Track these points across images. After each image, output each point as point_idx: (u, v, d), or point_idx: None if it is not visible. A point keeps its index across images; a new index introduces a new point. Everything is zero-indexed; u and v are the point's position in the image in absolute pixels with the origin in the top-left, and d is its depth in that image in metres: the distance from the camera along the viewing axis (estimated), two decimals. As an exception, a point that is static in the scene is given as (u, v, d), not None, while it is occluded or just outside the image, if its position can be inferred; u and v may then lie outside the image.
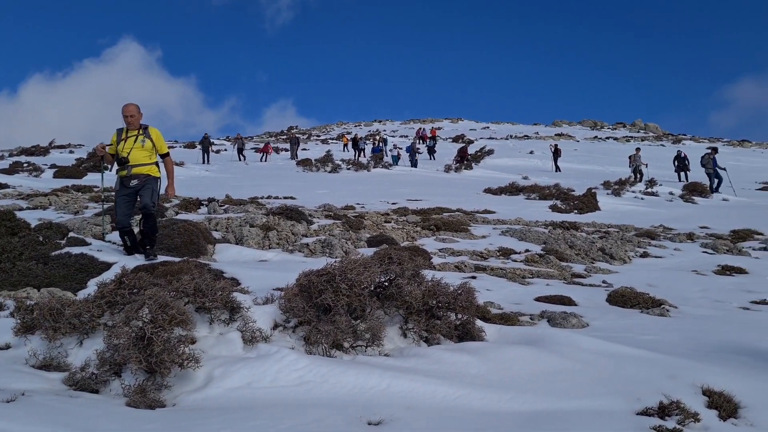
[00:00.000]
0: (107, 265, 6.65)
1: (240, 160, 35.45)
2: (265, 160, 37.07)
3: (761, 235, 13.04)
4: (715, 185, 23.57)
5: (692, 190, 22.34)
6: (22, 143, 42.78)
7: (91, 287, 5.87)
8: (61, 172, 23.05)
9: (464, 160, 33.43)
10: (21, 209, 11.64)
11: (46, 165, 24.94)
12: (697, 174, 27.14)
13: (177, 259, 6.93)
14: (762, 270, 9.43)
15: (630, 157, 28.72)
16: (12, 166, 24.34)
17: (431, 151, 40.65)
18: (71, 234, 7.93)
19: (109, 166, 7.52)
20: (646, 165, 27.76)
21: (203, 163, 32.70)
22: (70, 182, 19.47)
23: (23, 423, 2.91)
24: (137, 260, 6.99)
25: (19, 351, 4.15)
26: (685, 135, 73.13)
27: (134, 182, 7.04)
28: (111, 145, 7.26)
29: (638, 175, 26.95)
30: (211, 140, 36.60)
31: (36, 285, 5.92)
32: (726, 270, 9.36)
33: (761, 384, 4.26)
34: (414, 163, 34.24)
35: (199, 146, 36.33)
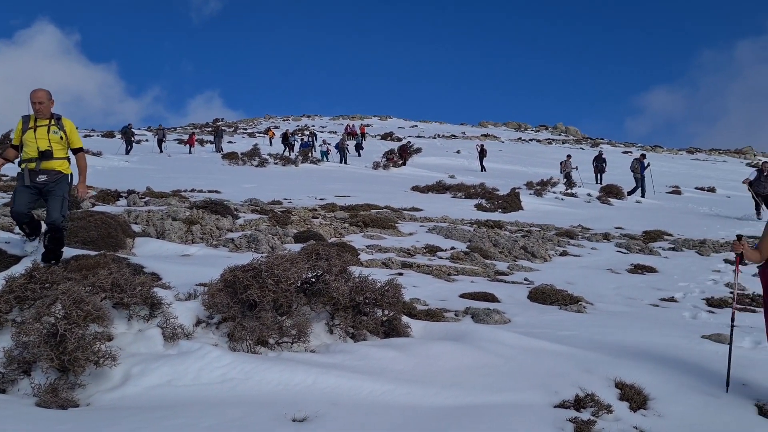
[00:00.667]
0: (17, 258, 6.29)
1: (160, 152, 34.12)
2: (191, 152, 36.03)
3: (670, 236, 13.79)
4: (642, 189, 24.42)
5: (608, 192, 23.35)
6: None
7: (-1, 282, 5.53)
8: (-34, 158, 21.60)
9: (404, 158, 33.54)
10: None
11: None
12: (613, 176, 28.44)
13: (93, 253, 6.62)
14: (670, 269, 9.98)
15: (561, 163, 29.46)
16: None
17: (358, 147, 40.58)
18: (-23, 225, 7.44)
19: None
20: (576, 168, 28.65)
21: (125, 153, 31.41)
22: (-24, 170, 18.28)
23: None
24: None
25: None
26: (602, 139, 76.33)
27: (42, 178, 6.06)
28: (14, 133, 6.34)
29: (569, 179, 27.69)
30: (134, 130, 35.13)
31: (-64, 279, 5.51)
32: (638, 269, 9.84)
33: (668, 377, 4.51)
34: (343, 160, 34.15)
35: (119, 136, 34.87)
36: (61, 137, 6.14)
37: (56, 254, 6.17)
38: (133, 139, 33.44)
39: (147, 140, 42.45)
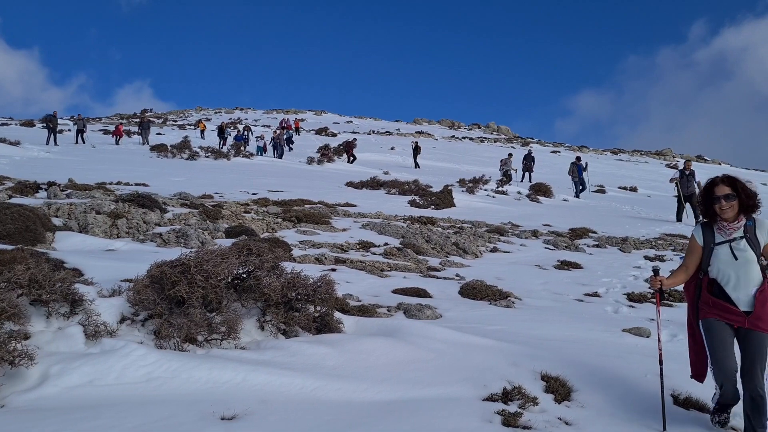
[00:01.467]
0: (-77, 253, 5.88)
1: (77, 142, 32.35)
2: (118, 143, 34.63)
3: (595, 233, 14.34)
4: (578, 191, 25.11)
5: (537, 190, 24.04)
6: None
7: None
8: None
9: (351, 154, 33.26)
10: None
11: None
12: (542, 175, 29.30)
13: (10, 247, 6.28)
14: (594, 265, 10.38)
15: (501, 161, 29.96)
16: None
17: (289, 141, 39.92)
18: None
19: None
20: (516, 170, 29.26)
21: (48, 143, 29.82)
22: None
23: None
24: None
25: None
26: (533, 138, 78.46)
27: None
28: None
29: (507, 179, 28.12)
30: (58, 119, 33.29)
31: None
32: (564, 265, 10.18)
33: (591, 369, 4.69)
34: (280, 155, 33.62)
35: (41, 125, 33.06)
36: None
37: None
38: (57, 127, 31.71)
39: (69, 130, 40.56)
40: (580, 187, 25.21)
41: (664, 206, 20.64)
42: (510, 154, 31.12)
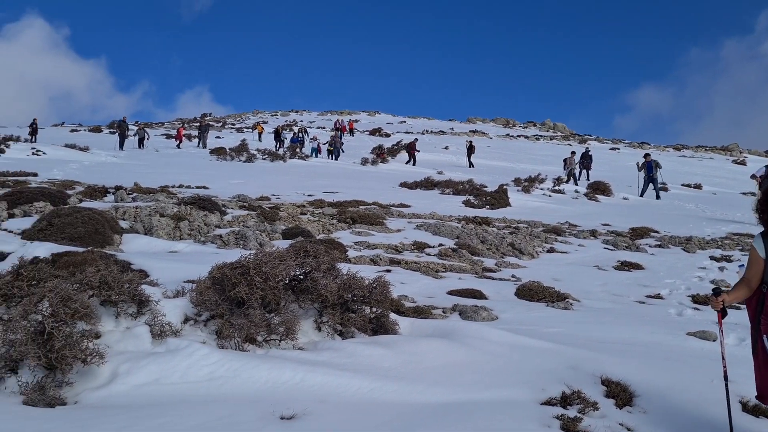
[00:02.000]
0: (3, 255, 6.24)
1: (140, 148, 33.29)
2: (179, 147, 35.64)
3: (657, 233, 13.92)
4: (655, 189, 23.79)
5: (596, 189, 23.49)
6: None
7: (-16, 279, 5.48)
8: (-51, 153, 21.35)
9: (413, 155, 32.71)
10: None
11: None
12: (600, 173, 28.60)
13: (81, 249, 6.58)
14: (656, 266, 10.08)
15: (565, 160, 29.01)
16: None
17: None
18: (-39, 221, 7.38)
19: None
20: (578, 165, 28.26)
21: (121, 149, 30.85)
22: (-40, 165, 18.08)
23: None
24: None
25: None
26: (590, 135, 76.71)
27: None
28: None
29: (572, 178, 27.18)
30: (128, 125, 34.36)
31: None
32: (624, 265, 9.93)
33: (654, 374, 4.57)
34: (336, 156, 33.83)
35: (108, 131, 34.29)
36: None
37: None
38: (127, 132, 32.73)
39: (135, 135, 42.04)
40: (651, 185, 24.07)
41: (731, 204, 19.83)
42: (573, 152, 30.13)
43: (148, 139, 34.54)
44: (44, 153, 24.90)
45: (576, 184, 24.48)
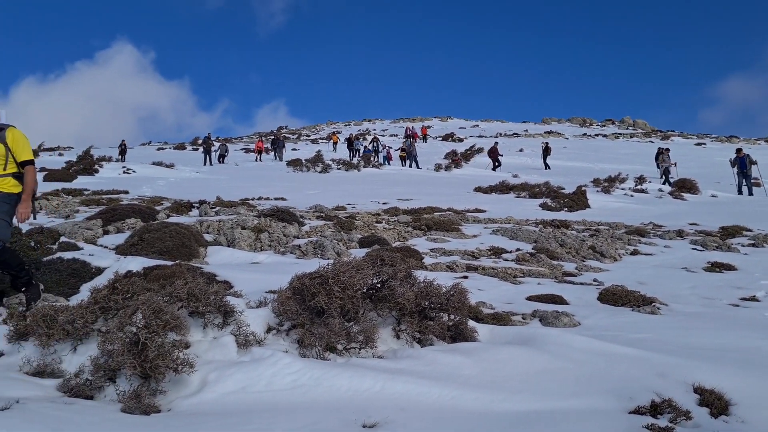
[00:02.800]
0: (100, 270, 6.63)
1: (218, 163, 34.48)
2: (260, 160, 36.74)
3: (750, 231, 13.16)
4: (747, 186, 22.48)
5: (681, 187, 22.50)
6: (10, 146, 42.32)
7: (84, 292, 5.85)
8: (51, 175, 22.90)
9: (495, 159, 32.09)
10: (10, 213, 11.56)
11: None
12: (686, 170, 27.34)
13: (169, 263, 6.91)
14: (751, 266, 9.53)
15: (658, 157, 27.67)
16: (0, 169, 24.13)
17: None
18: (63, 238, 7.90)
19: None
20: (675, 164, 26.79)
21: (205, 164, 32.12)
22: (60, 185, 19.38)
23: (19, 431, 2.91)
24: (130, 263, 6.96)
25: (13, 358, 4.15)
26: (673, 131, 73.60)
27: None
28: None
29: (666, 176, 25.87)
30: (213, 140, 35.64)
31: (28, 291, 5.88)
32: (715, 267, 9.44)
33: (751, 381, 4.31)
34: (410, 163, 33.88)
35: (191, 147, 35.79)
36: (1, 151, 5.35)
37: (15, 277, 5.43)
38: (213, 149, 33.94)
39: (216, 150, 43.66)
40: (743, 181, 22.66)
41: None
42: (667, 149, 28.55)
43: (228, 153, 35.85)
44: (134, 171, 26.31)
45: (670, 184, 23.34)
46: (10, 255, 5.42)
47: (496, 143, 35.09)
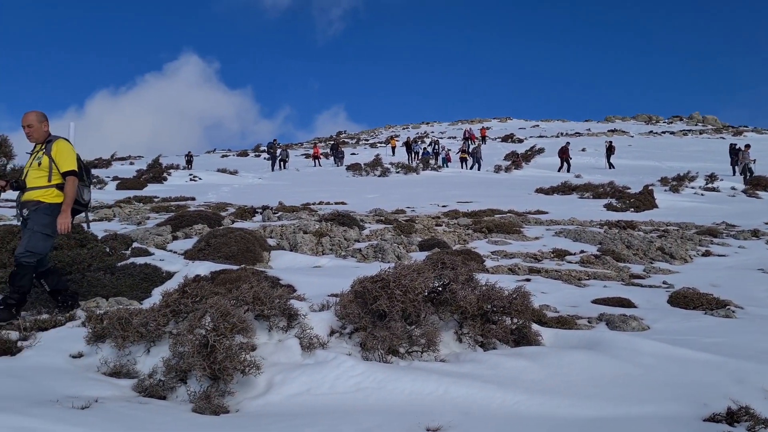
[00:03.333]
0: (170, 275, 6.88)
1: (281, 169, 35.00)
2: (320, 165, 37.26)
3: (832, 230, 12.45)
4: None
5: (756, 185, 21.49)
6: (87, 157, 44.53)
7: (156, 296, 6.09)
8: (123, 183, 23.92)
9: (565, 160, 30.77)
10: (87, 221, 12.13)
11: (108, 177, 25.93)
12: (762, 166, 26.07)
13: (235, 267, 7.10)
14: (834, 267, 9.02)
15: (737, 155, 26.30)
16: (76, 179, 25.35)
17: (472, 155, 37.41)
18: (135, 244, 8.24)
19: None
20: (755, 161, 25.47)
21: (273, 170, 32.75)
22: (131, 193, 20.21)
23: (98, 429, 3.05)
24: (198, 268, 7.19)
25: (91, 359, 4.35)
26: (746, 126, 70.35)
27: (25, 211, 5.39)
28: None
29: (748, 174, 24.58)
30: (278, 145, 36.09)
31: (104, 295, 6.18)
32: (795, 268, 8.98)
33: (836, 388, 4.08)
34: (471, 166, 33.47)
35: (253, 154, 36.46)
36: (40, 163, 5.39)
37: (7, 297, 5.30)
38: (284, 155, 34.49)
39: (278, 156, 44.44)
40: None
41: None
42: (747, 145, 27.12)
43: (288, 159, 36.52)
44: (200, 178, 27.17)
45: (748, 182, 22.21)
46: (24, 276, 5.31)
47: (568, 143, 33.40)
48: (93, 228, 8.43)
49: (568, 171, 30.24)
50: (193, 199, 18.20)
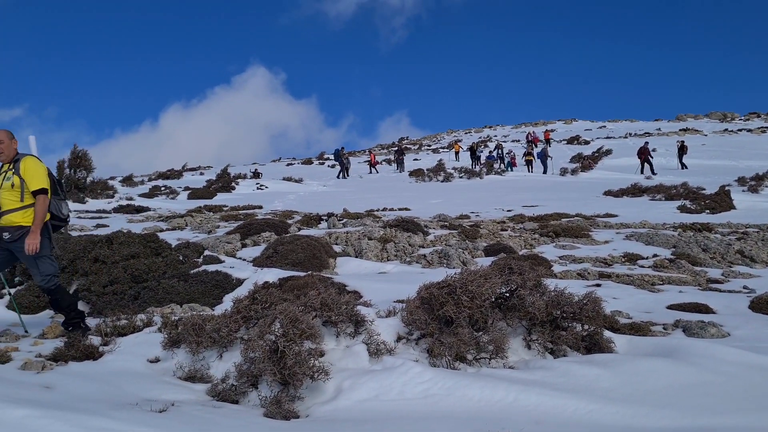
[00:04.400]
0: (240, 282, 7.06)
1: (345, 177, 34.94)
2: (377, 171, 37.37)
3: None
4: None
5: (844, 183, 20.20)
6: (160, 168, 46.34)
7: (227, 302, 6.27)
8: (194, 193, 24.77)
9: (645, 160, 29.34)
10: (161, 230, 12.64)
11: (180, 187, 26.93)
12: None
13: (302, 274, 7.22)
14: None
15: None
16: (151, 190, 26.48)
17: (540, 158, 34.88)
18: (206, 252, 8.50)
19: None
20: None
21: (339, 177, 33.11)
22: (202, 203, 20.91)
23: None
24: (267, 275, 7.35)
25: (167, 364, 4.52)
26: (832, 121, 66.30)
27: (6, 236, 5.14)
28: None
29: None
30: (345, 152, 36.34)
31: (179, 301, 6.40)
32: None
33: None
34: (545, 169, 32.73)
35: (318, 161, 36.79)
36: (13, 184, 5.12)
37: (69, 318, 5.42)
38: (345, 162, 34.75)
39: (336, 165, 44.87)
40: None
41: None
42: None
43: (350, 165, 36.71)
44: (266, 187, 27.81)
45: None
46: (63, 297, 5.37)
47: (647, 143, 31.63)
48: (166, 237, 8.69)
49: (653, 172, 28.76)
50: (260, 207, 18.64)
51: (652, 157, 30.34)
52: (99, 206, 19.07)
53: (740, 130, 60.78)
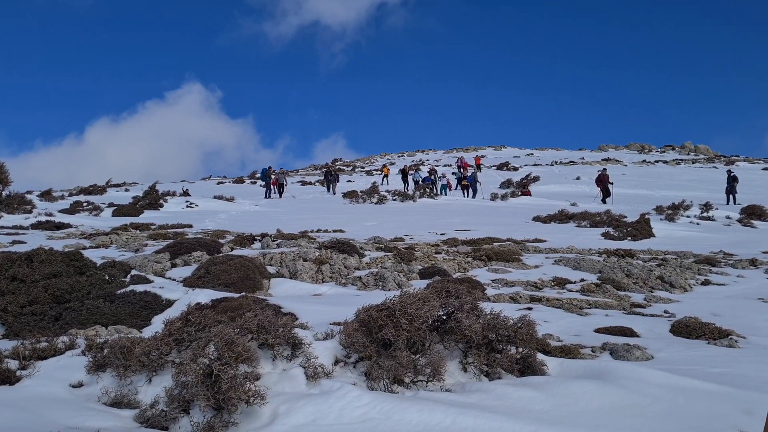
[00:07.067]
0: (170, 302, 6.82)
1: (280, 196, 34.51)
2: (278, 195, 36.11)
3: (830, 259, 12.49)
4: None
5: (750, 214, 21.60)
6: (83, 183, 44.46)
7: (156, 324, 6.03)
8: (119, 210, 23.84)
9: (604, 188, 28.55)
10: (85, 248, 12.06)
11: (104, 204, 25.85)
12: (753, 195, 26.25)
13: (236, 295, 7.05)
14: (834, 296, 9.02)
15: (733, 183, 25.99)
16: (73, 206, 25.29)
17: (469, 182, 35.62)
18: (134, 272, 8.18)
19: None
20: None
21: (267, 197, 32.77)
22: (128, 220, 20.12)
23: (103, 461, 2.99)
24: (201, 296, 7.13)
25: (92, 389, 4.28)
26: (738, 156, 71.06)
27: None
28: None
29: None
30: (274, 172, 36.00)
31: (104, 323, 6.11)
32: (795, 297, 8.97)
33: None
34: (474, 193, 33.38)
35: (249, 181, 36.48)
36: None
37: None
38: (274, 179, 34.47)
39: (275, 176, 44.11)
40: None
41: None
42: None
43: (286, 183, 36.35)
44: (196, 205, 27.11)
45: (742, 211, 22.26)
46: None
47: (605, 170, 30.49)
48: (91, 255, 8.32)
49: (603, 201, 28.11)
50: (191, 226, 18.13)
51: (611, 183, 29.31)
52: (15, 222, 18.05)
53: (657, 161, 64.18)
